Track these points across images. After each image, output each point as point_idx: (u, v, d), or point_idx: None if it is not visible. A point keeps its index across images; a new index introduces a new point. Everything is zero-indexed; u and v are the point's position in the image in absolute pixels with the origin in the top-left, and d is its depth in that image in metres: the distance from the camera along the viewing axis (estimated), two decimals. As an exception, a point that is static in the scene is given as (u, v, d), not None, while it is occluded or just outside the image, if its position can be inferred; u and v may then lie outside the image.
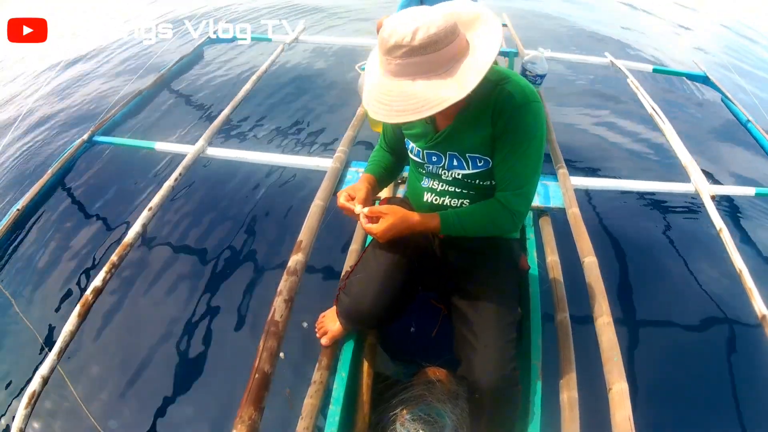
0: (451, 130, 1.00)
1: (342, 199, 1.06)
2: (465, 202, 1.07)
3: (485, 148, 0.98)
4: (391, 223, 1.00)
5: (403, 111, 0.82)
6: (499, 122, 0.94)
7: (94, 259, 1.81)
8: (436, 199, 1.10)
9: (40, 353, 1.43)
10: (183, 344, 1.52)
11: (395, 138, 1.19)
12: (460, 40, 0.83)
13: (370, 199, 1.10)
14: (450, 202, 1.08)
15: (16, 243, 1.89)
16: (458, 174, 1.05)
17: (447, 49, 0.81)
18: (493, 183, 1.03)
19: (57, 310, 1.62)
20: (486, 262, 1.10)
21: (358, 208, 1.03)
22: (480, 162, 1.01)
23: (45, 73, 3.57)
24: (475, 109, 0.95)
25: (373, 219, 1.02)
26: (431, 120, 1.02)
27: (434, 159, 1.06)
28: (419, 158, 1.09)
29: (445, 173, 1.07)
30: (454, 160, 1.03)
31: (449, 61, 0.82)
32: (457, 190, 1.07)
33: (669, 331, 1.64)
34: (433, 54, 0.80)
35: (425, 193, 1.11)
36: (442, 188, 1.09)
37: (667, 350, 1.58)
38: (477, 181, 1.04)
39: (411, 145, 1.10)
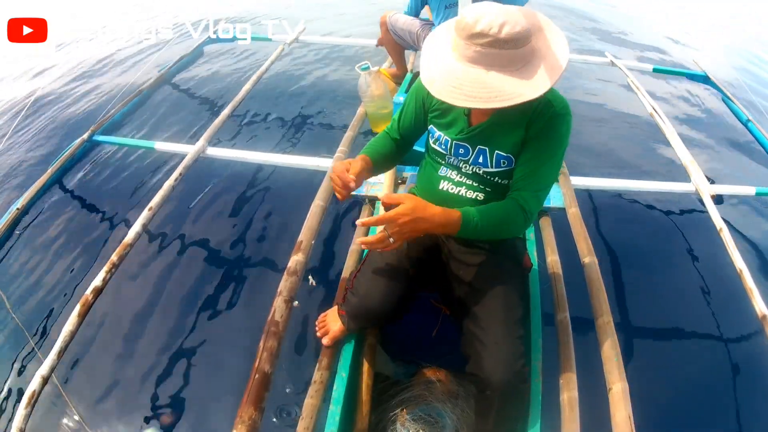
0: (487, 126, 1.01)
1: (338, 171, 1.01)
2: (480, 195, 1.08)
3: (514, 148, 1.00)
4: (411, 207, 0.90)
5: (474, 97, 0.84)
6: (534, 126, 0.97)
7: (94, 259, 1.81)
8: (452, 189, 1.10)
9: (39, 353, 1.43)
10: (183, 344, 1.51)
11: (412, 126, 1.18)
12: (533, 44, 0.87)
13: (363, 177, 1.07)
14: (466, 193, 1.09)
15: (15, 242, 1.89)
16: (479, 170, 1.06)
17: (524, 49, 0.85)
18: (511, 182, 1.05)
19: (57, 309, 1.62)
20: (492, 259, 1.10)
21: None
22: (504, 162, 1.02)
23: (44, 73, 3.57)
24: (514, 112, 0.94)
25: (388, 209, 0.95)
26: (468, 112, 1.04)
27: (461, 151, 1.06)
28: (444, 149, 1.09)
29: (466, 166, 1.08)
30: (480, 156, 1.04)
31: (521, 60, 0.86)
32: (474, 183, 1.08)
33: (669, 330, 1.64)
34: (513, 50, 0.84)
35: (441, 181, 1.11)
36: (460, 179, 1.09)
37: (667, 350, 1.58)
38: (496, 178, 1.06)
39: (438, 133, 1.10)
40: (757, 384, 1.48)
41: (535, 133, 0.97)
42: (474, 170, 1.07)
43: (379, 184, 1.73)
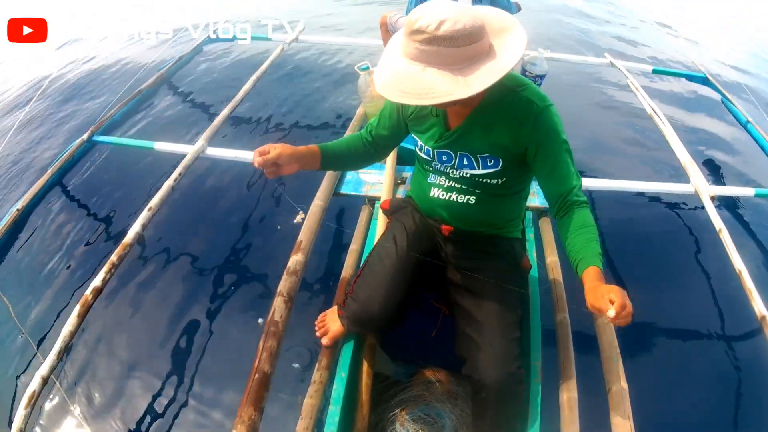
0: (463, 130, 1.01)
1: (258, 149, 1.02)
2: (471, 198, 1.08)
3: (499, 150, 0.99)
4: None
5: (408, 93, 0.84)
6: (524, 131, 0.95)
7: (94, 259, 1.81)
8: (443, 195, 1.10)
9: (39, 354, 1.43)
10: (182, 344, 1.52)
11: (388, 131, 1.16)
12: (483, 45, 0.84)
13: (297, 162, 1.07)
14: (457, 197, 1.09)
15: (15, 243, 1.89)
16: (467, 173, 1.05)
17: (466, 48, 0.82)
18: (501, 181, 1.05)
19: (56, 310, 1.62)
20: (489, 261, 1.10)
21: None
22: (490, 162, 1.02)
23: (45, 73, 3.57)
24: (490, 112, 0.94)
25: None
26: (443, 118, 1.03)
27: (444, 158, 1.06)
28: (428, 156, 1.09)
29: (453, 171, 1.07)
30: (465, 160, 1.04)
31: (466, 60, 0.83)
32: (464, 187, 1.08)
33: (669, 331, 1.64)
34: (452, 49, 0.81)
35: (432, 188, 1.12)
36: (450, 185, 1.10)
37: (666, 350, 1.58)
38: (485, 180, 1.05)
39: (420, 143, 1.10)
40: (756, 384, 1.48)
41: (532, 140, 0.95)
42: (462, 174, 1.06)
43: (379, 185, 1.74)
